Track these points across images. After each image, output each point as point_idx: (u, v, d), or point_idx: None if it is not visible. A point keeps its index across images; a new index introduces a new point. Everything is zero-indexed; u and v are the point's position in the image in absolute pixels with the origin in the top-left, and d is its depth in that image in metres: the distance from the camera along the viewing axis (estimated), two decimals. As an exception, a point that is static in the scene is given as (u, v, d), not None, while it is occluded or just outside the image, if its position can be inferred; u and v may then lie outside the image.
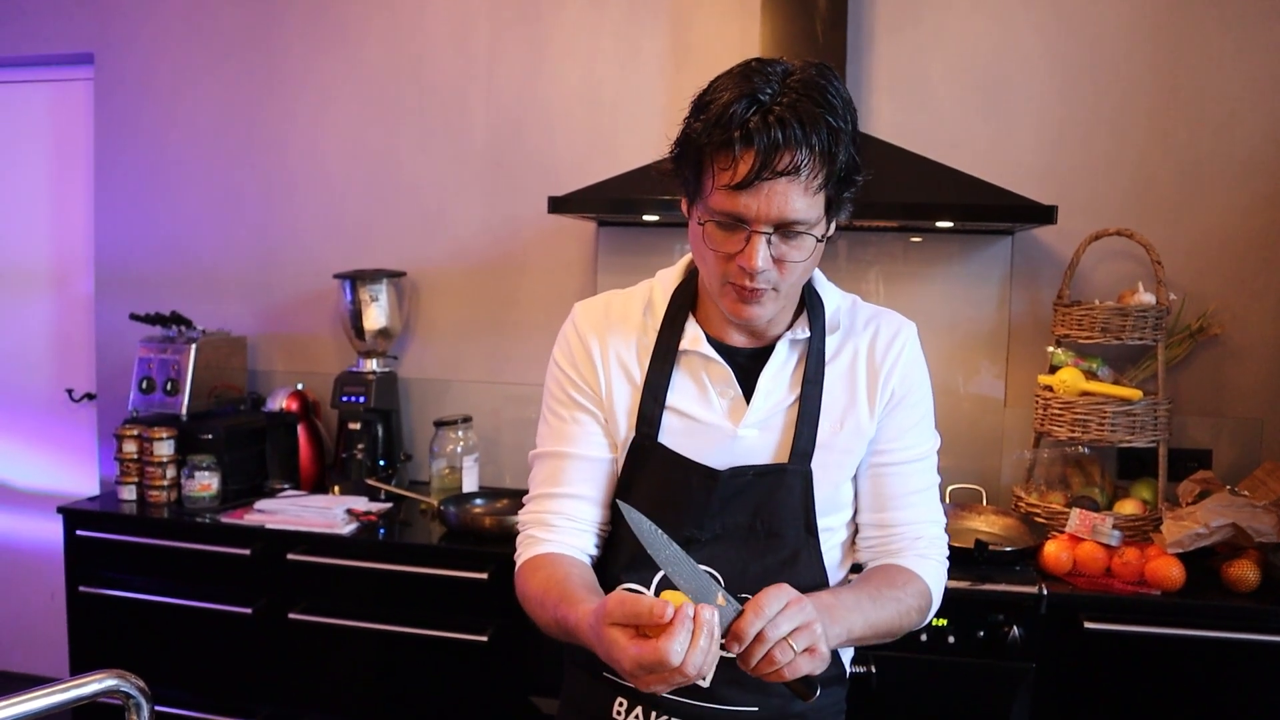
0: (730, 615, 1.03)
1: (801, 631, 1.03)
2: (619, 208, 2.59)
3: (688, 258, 1.36)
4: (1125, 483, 2.65)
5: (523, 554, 1.31)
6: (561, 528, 1.31)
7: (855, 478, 1.34)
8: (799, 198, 1.12)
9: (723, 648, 1.03)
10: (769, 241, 1.15)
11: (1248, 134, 2.64)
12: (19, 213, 3.58)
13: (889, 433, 1.31)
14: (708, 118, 1.14)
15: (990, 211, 2.42)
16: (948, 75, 2.79)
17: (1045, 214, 2.35)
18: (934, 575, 1.32)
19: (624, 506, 1.09)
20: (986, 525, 2.58)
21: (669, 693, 1.25)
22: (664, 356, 1.30)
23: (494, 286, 3.11)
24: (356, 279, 3.00)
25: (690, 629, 0.97)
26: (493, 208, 3.09)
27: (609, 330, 1.33)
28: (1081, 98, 2.72)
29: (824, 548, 1.31)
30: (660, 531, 1.07)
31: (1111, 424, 2.44)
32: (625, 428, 1.31)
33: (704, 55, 2.90)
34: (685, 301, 1.33)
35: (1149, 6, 2.67)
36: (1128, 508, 2.47)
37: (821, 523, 1.30)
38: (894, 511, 1.32)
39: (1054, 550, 2.32)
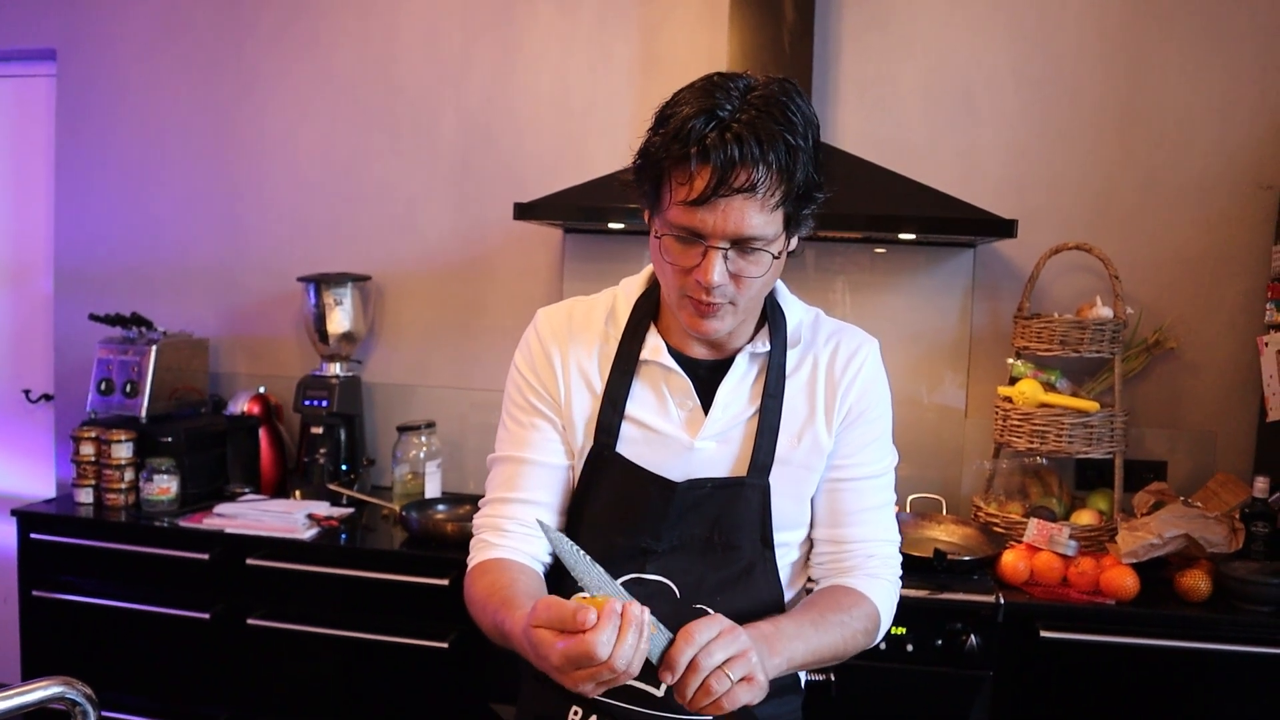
0: (662, 644, 1.02)
1: (737, 660, 1.02)
2: (585, 215, 2.59)
3: (651, 267, 1.35)
4: (1082, 493, 2.69)
5: (474, 557, 1.31)
6: (514, 533, 1.30)
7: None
8: (755, 214, 1.12)
9: (656, 677, 1.02)
10: (725, 257, 1.15)
11: (1204, 152, 2.69)
12: (-23, 210, 3.53)
13: (846, 448, 1.31)
14: (666, 132, 1.13)
15: (952, 224, 2.45)
16: (915, 87, 2.82)
17: (1006, 228, 2.38)
18: (884, 596, 1.32)
19: (543, 526, 1.08)
20: (946, 535, 2.60)
21: (624, 701, 1.25)
22: (624, 366, 1.30)
23: (460, 292, 3.10)
24: (320, 282, 2.98)
25: (617, 624, 0.95)
26: (461, 213, 3.09)
27: (571, 338, 1.33)
28: (1045, 114, 2.76)
29: (780, 563, 1.31)
30: (582, 552, 1.05)
31: (1069, 435, 2.47)
32: (583, 436, 1.31)
33: (673, 64, 2.92)
34: (648, 311, 1.33)
35: (1112, 26, 2.71)
36: (1084, 518, 2.50)
37: (778, 537, 1.30)
38: (848, 528, 1.32)
39: (1012, 560, 2.34)
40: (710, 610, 1.26)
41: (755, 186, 1.10)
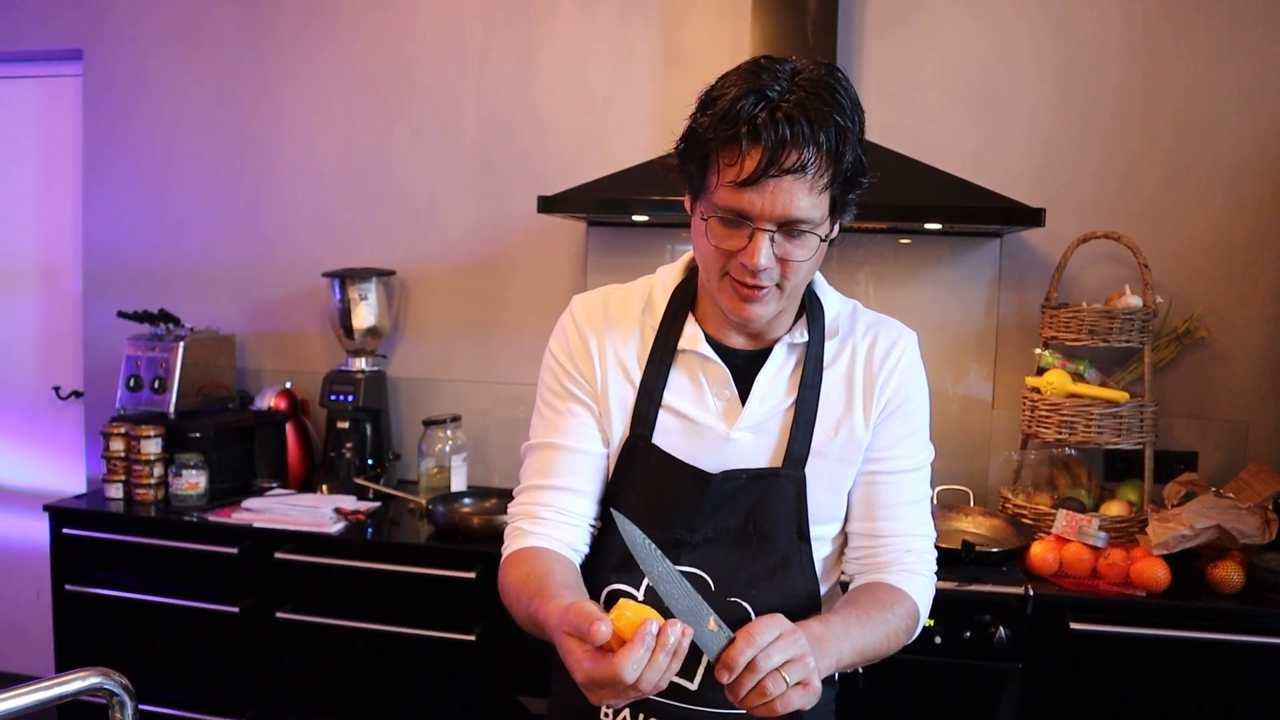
0: (721, 642, 1.00)
1: (794, 664, 1.00)
2: (608, 208, 2.59)
3: (688, 256, 1.34)
4: (1111, 484, 2.66)
5: (508, 546, 1.29)
6: (550, 520, 1.29)
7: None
8: (804, 196, 1.11)
9: (712, 674, 1.00)
10: (772, 239, 1.14)
11: (1235, 139, 2.65)
12: (6, 209, 3.56)
13: (883, 441, 1.30)
14: (715, 113, 1.12)
15: (978, 214, 2.43)
16: (938, 78, 2.80)
17: (1033, 217, 2.36)
18: (922, 592, 1.30)
19: (618, 517, 1.06)
20: (974, 526, 2.59)
21: (658, 695, 1.24)
22: (661, 355, 1.29)
23: (484, 286, 3.11)
24: (345, 278, 3.00)
25: (650, 647, 0.94)
26: (483, 207, 3.09)
27: (608, 327, 1.32)
28: (1070, 101, 2.73)
29: (815, 557, 1.30)
30: (654, 546, 1.03)
31: (1098, 426, 2.45)
32: (620, 426, 1.30)
33: (694, 57, 2.91)
34: (685, 300, 1.32)
35: (1138, 12, 2.68)
36: (1114, 509, 2.48)
37: (813, 530, 1.29)
38: (884, 522, 1.31)
39: (1040, 551, 2.33)
40: (746, 604, 1.25)
41: (805, 167, 1.10)
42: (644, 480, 1.28)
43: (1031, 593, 2.22)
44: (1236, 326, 2.69)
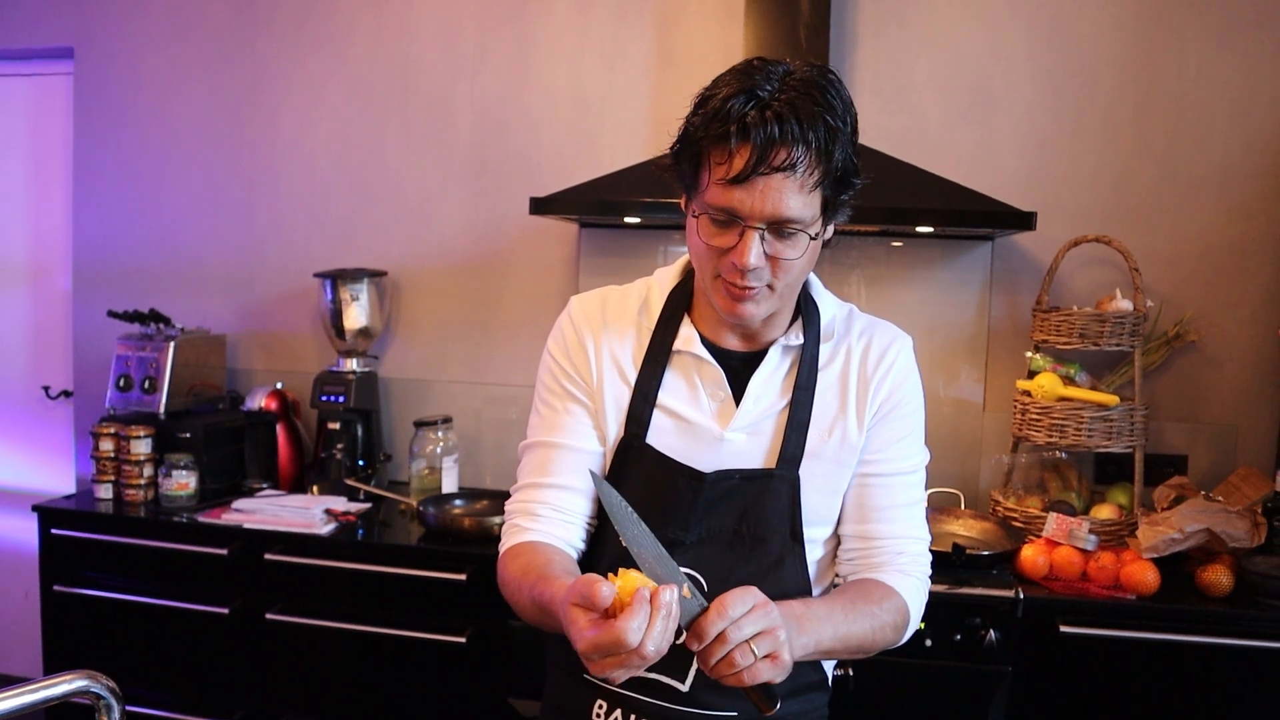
0: (694, 610, 1.02)
1: (765, 636, 1.01)
2: (601, 209, 2.58)
3: (685, 259, 1.36)
4: (1102, 488, 2.67)
5: (506, 542, 1.31)
6: (547, 518, 1.30)
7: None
8: (794, 195, 1.12)
9: (683, 644, 1.01)
10: (762, 238, 1.15)
11: (1226, 143, 2.66)
12: (-4, 208, 3.55)
13: (876, 443, 1.31)
14: (707, 112, 1.14)
15: (970, 217, 2.43)
16: (931, 80, 2.80)
17: (1024, 220, 2.37)
18: (913, 593, 1.30)
19: (595, 477, 1.08)
20: (964, 529, 2.59)
21: (649, 696, 1.25)
22: (657, 356, 1.30)
23: (476, 287, 3.10)
24: (337, 278, 2.99)
25: (648, 610, 0.95)
26: (476, 208, 3.09)
27: (605, 327, 1.34)
28: (1063, 105, 2.74)
29: (809, 558, 1.30)
30: (630, 508, 1.05)
31: (1089, 429, 2.46)
32: (615, 426, 1.31)
33: (688, 58, 2.91)
34: (681, 302, 1.33)
35: (1131, 16, 2.69)
36: (1104, 512, 2.49)
37: (807, 532, 1.29)
38: (877, 524, 1.31)
39: (1031, 554, 2.33)
40: None
41: (795, 166, 1.11)
42: (638, 479, 1.28)
43: (1022, 596, 2.22)
44: (1227, 330, 2.70)
